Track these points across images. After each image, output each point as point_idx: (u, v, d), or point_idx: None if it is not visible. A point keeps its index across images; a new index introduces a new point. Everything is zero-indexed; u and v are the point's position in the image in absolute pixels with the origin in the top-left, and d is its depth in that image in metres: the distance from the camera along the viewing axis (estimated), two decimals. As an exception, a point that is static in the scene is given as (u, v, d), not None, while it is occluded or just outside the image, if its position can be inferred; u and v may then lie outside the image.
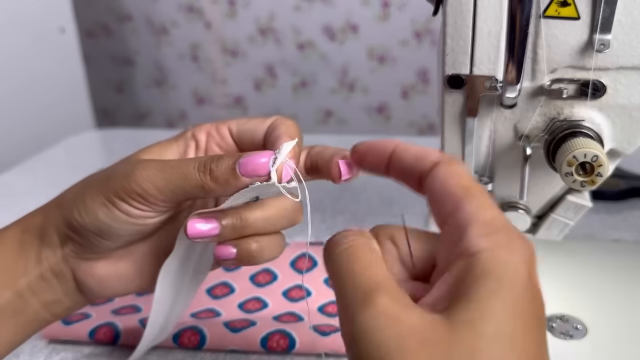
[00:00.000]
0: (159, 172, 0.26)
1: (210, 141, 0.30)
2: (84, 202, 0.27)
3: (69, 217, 0.27)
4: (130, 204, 0.26)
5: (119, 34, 1.88)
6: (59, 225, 0.28)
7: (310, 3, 1.71)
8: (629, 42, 0.29)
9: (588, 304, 0.42)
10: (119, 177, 0.26)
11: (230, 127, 0.30)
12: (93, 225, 0.27)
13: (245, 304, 0.43)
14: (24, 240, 0.29)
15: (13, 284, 0.28)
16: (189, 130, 0.30)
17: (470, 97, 0.30)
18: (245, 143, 0.30)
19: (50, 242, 0.28)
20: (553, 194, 0.35)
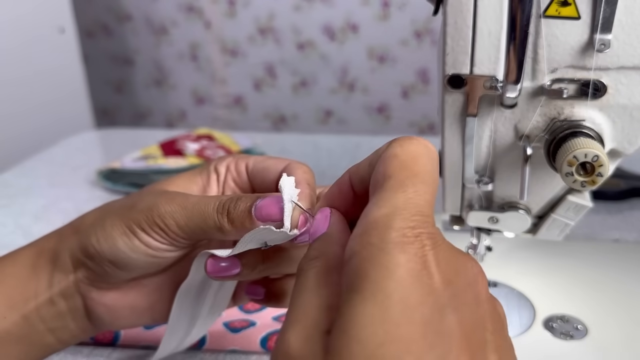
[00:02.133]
0: (181, 209, 0.26)
1: (228, 175, 0.31)
2: (104, 228, 0.27)
3: (86, 242, 0.27)
4: (151, 236, 0.26)
5: (118, 34, 1.88)
6: (74, 250, 0.28)
7: (310, 3, 1.71)
8: (630, 42, 0.29)
9: (589, 305, 0.42)
10: (142, 207, 0.27)
11: (248, 164, 0.30)
12: (110, 253, 0.27)
13: (245, 304, 0.43)
14: (37, 264, 0.29)
15: (22, 306, 0.28)
16: (213, 163, 0.31)
17: (470, 97, 0.30)
18: (257, 181, 0.30)
19: (63, 266, 0.28)
20: (553, 194, 0.35)
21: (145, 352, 0.39)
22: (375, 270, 0.17)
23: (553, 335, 0.39)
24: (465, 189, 0.35)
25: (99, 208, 0.29)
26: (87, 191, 0.65)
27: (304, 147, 0.77)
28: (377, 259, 0.17)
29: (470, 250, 0.41)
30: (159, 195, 0.27)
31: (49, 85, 1.32)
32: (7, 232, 0.57)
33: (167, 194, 0.27)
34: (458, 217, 0.37)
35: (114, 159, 0.71)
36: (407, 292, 0.16)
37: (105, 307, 0.29)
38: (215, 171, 0.30)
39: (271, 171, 0.29)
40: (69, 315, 0.29)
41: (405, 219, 0.18)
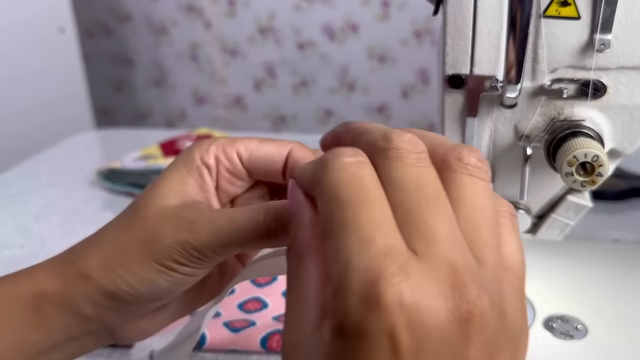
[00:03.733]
0: (217, 239, 0.24)
1: (220, 167, 0.28)
2: (131, 271, 0.25)
3: (113, 290, 0.25)
4: (191, 267, 0.25)
5: (118, 34, 1.88)
6: (95, 299, 0.26)
7: (310, 3, 1.71)
8: (630, 42, 0.29)
9: (588, 305, 0.42)
10: (170, 243, 0.24)
11: (239, 152, 0.28)
12: (151, 292, 0.25)
13: (245, 304, 0.43)
14: (41, 309, 0.26)
15: (32, 348, 0.26)
16: (195, 154, 0.28)
17: (470, 97, 0.30)
18: (259, 172, 0.28)
19: (82, 313, 0.26)
20: (553, 194, 0.35)
21: (145, 352, 0.39)
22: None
23: (553, 335, 0.39)
24: (465, 189, 0.35)
25: (100, 244, 0.26)
26: (87, 191, 0.65)
27: (304, 147, 0.77)
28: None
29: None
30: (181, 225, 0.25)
31: (49, 85, 1.32)
32: (7, 232, 0.57)
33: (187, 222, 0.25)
34: (458, 217, 0.37)
35: (114, 159, 0.71)
36: None
37: (134, 333, 0.28)
38: (205, 165, 0.28)
39: (275, 160, 0.28)
40: (92, 344, 0.28)
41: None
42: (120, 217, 0.27)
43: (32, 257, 0.52)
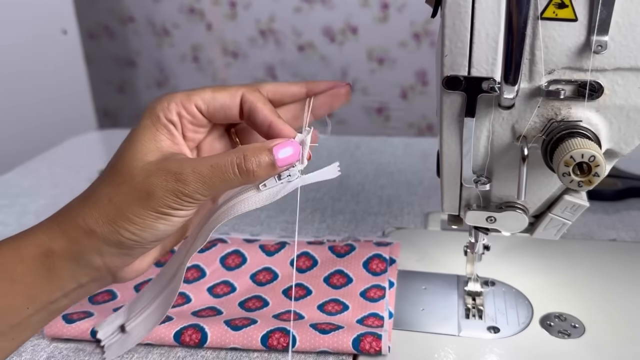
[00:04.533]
0: (203, 185, 0.29)
1: (183, 121, 0.31)
2: (132, 221, 0.29)
3: (118, 239, 0.29)
4: (183, 210, 0.29)
5: (120, 36, 1.89)
6: (102, 249, 0.29)
7: (310, 5, 1.71)
8: (626, 44, 0.29)
9: (585, 303, 0.42)
10: (163, 193, 0.28)
11: (198, 105, 0.31)
12: (153, 236, 0.30)
13: (246, 302, 0.43)
14: (51, 265, 0.29)
15: (46, 299, 0.30)
16: (159, 113, 0.31)
17: (468, 98, 0.31)
18: (218, 118, 0.32)
19: (91, 264, 0.30)
20: (550, 193, 0.35)
21: (146, 350, 0.39)
22: None
23: (550, 334, 0.39)
24: (463, 189, 0.36)
25: (96, 203, 0.29)
26: (89, 191, 0.66)
27: (305, 147, 0.78)
28: None
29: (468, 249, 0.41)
30: (168, 177, 0.28)
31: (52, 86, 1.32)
32: (10, 232, 0.57)
33: (173, 173, 0.29)
34: (456, 216, 0.38)
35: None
36: None
37: (133, 272, 0.32)
38: (170, 122, 0.31)
39: (230, 106, 0.31)
40: (94, 287, 0.32)
41: None
42: (108, 179, 0.30)
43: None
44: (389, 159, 0.74)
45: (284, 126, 0.31)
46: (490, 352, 0.38)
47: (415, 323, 0.41)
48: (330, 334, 0.38)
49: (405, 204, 0.60)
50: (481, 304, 0.42)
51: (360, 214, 0.58)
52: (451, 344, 0.39)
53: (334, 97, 0.34)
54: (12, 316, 0.29)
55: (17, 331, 0.30)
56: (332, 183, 0.66)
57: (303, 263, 0.47)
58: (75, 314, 0.41)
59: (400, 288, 0.45)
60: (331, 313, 0.41)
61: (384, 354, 0.37)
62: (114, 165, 0.30)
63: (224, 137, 0.35)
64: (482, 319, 0.41)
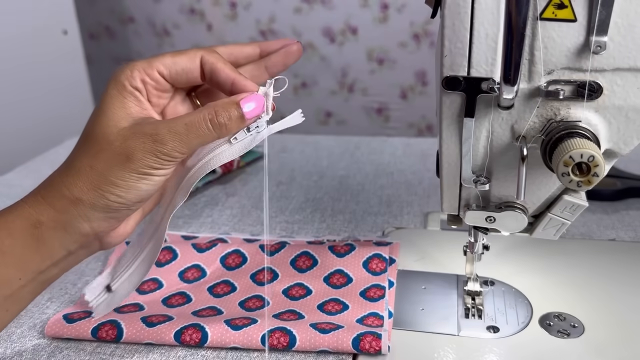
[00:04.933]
0: (180, 143, 0.30)
1: (147, 87, 0.33)
2: (115, 184, 0.30)
3: (105, 203, 0.31)
4: (164, 169, 0.31)
5: (121, 36, 1.89)
6: (90, 214, 0.31)
7: (310, 5, 1.71)
8: (625, 44, 0.29)
9: (585, 303, 0.42)
10: (142, 155, 0.30)
11: (160, 70, 0.32)
12: (137, 197, 0.31)
13: (246, 302, 0.43)
14: (39, 235, 0.31)
15: (36, 268, 0.31)
16: (123, 82, 0.32)
17: (467, 98, 0.31)
18: (181, 82, 0.34)
19: (78, 231, 0.31)
20: (550, 193, 0.35)
21: (147, 350, 0.39)
22: None
23: (549, 334, 0.39)
24: (463, 189, 0.36)
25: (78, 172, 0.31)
26: (89, 191, 0.66)
27: (304, 147, 0.78)
28: None
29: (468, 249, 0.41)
30: (146, 139, 0.30)
31: (53, 87, 1.32)
32: (11, 232, 0.57)
33: (149, 135, 0.30)
34: (456, 216, 0.38)
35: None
36: None
37: (119, 237, 0.34)
38: (136, 89, 0.32)
39: (191, 69, 0.33)
40: (83, 254, 0.33)
41: None
42: (85, 149, 0.31)
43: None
44: (388, 159, 0.74)
45: (246, 82, 0.33)
46: (490, 352, 0.38)
47: (415, 323, 0.41)
48: (330, 333, 0.38)
49: (405, 204, 0.61)
50: (481, 303, 0.42)
51: (360, 214, 0.59)
52: (451, 343, 0.39)
53: (286, 55, 0.36)
54: (4, 288, 0.30)
55: (10, 303, 0.31)
56: (332, 183, 0.66)
57: (303, 263, 0.47)
58: (76, 313, 0.41)
59: (400, 288, 0.45)
60: (331, 313, 0.41)
61: (384, 354, 0.37)
62: (88, 135, 0.32)
63: (186, 100, 0.36)
64: (481, 318, 0.41)
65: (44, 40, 1.29)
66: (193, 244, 0.49)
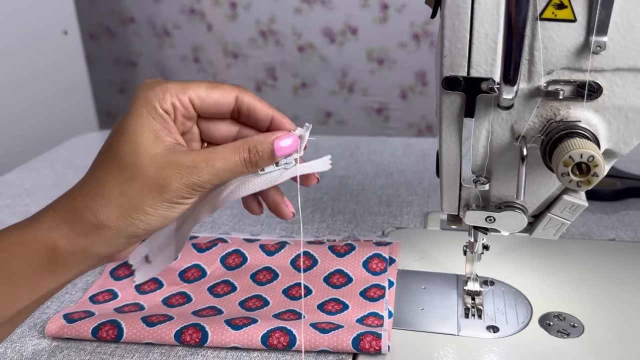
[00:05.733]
0: (213, 176, 0.31)
1: (177, 113, 0.32)
2: (146, 213, 0.30)
3: (132, 231, 0.30)
4: (194, 197, 0.31)
5: (121, 36, 1.89)
6: (113, 241, 0.30)
7: (311, 5, 1.71)
8: (625, 44, 0.29)
9: (584, 303, 0.42)
10: (178, 185, 0.30)
11: (192, 99, 0.32)
12: (163, 224, 0.31)
13: (247, 302, 0.43)
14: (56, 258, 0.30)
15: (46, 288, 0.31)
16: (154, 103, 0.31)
17: (467, 98, 0.31)
18: (209, 114, 0.33)
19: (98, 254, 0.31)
20: (549, 193, 0.35)
21: (147, 349, 0.39)
22: None
23: (549, 333, 0.39)
24: (463, 189, 0.36)
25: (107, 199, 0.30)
26: (89, 191, 0.66)
27: (305, 148, 0.78)
28: None
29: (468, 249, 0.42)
30: (183, 171, 0.30)
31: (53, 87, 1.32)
32: (11, 232, 0.57)
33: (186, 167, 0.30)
34: (456, 216, 0.38)
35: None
36: None
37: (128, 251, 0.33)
38: (166, 112, 0.31)
39: (223, 104, 0.33)
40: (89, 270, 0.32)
41: None
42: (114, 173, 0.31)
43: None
44: (388, 159, 0.74)
45: (284, 119, 0.33)
46: (490, 352, 0.38)
47: (415, 322, 0.41)
48: (330, 333, 0.38)
49: (405, 204, 0.61)
50: (480, 303, 0.42)
51: (360, 214, 0.59)
52: (450, 343, 0.39)
53: (275, 207, 0.36)
54: (13, 306, 0.30)
55: (17, 317, 0.31)
56: (332, 183, 0.66)
57: (303, 263, 0.47)
58: (76, 313, 0.41)
59: (400, 287, 0.45)
60: (331, 312, 0.42)
61: (384, 353, 0.37)
62: (116, 157, 0.31)
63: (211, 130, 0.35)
64: (481, 318, 0.41)
65: (44, 41, 1.29)
66: (193, 244, 0.49)
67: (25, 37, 1.24)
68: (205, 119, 0.34)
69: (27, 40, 1.24)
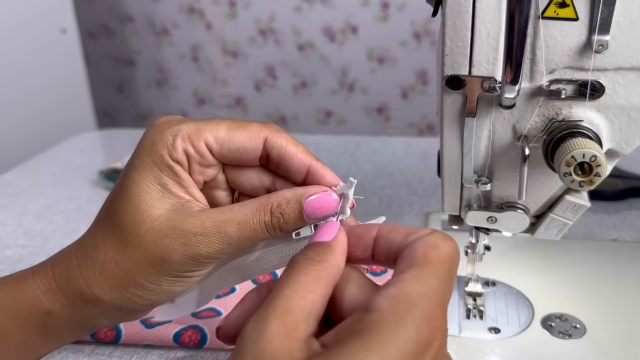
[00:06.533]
0: (228, 245, 0.25)
1: (191, 162, 0.26)
2: (145, 288, 0.26)
3: (129, 306, 0.26)
4: (205, 269, 0.26)
5: (120, 35, 1.89)
6: (110, 314, 0.27)
7: (310, 4, 1.71)
8: (627, 43, 0.29)
9: (586, 304, 0.42)
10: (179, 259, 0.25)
11: (209, 144, 0.26)
12: (168, 298, 0.27)
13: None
14: (49, 326, 0.27)
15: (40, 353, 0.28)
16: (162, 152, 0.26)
17: (469, 97, 0.30)
18: (232, 161, 0.27)
19: (95, 325, 0.28)
20: (551, 193, 0.35)
21: (146, 351, 0.39)
22: (390, 335, 0.19)
23: (551, 334, 0.39)
24: (464, 189, 0.36)
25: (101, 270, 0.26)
26: (88, 191, 0.66)
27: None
28: (395, 326, 0.19)
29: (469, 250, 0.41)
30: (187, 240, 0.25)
31: (51, 86, 1.32)
32: (9, 232, 0.57)
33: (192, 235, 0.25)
34: (457, 216, 0.38)
35: (116, 159, 0.71)
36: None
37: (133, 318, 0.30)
38: (177, 162, 0.26)
39: (249, 150, 0.27)
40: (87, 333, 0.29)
41: (432, 306, 0.20)
42: (109, 237, 0.26)
43: (34, 257, 0.52)
44: (389, 158, 0.74)
45: (325, 171, 0.26)
46: (491, 353, 0.38)
47: (416, 323, 0.41)
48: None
49: (406, 204, 0.60)
50: (482, 304, 0.42)
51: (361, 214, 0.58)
52: (452, 344, 0.39)
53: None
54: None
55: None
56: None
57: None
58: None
59: (401, 288, 0.44)
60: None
61: (384, 355, 0.37)
62: (112, 217, 0.26)
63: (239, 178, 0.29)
64: (482, 319, 0.41)
65: (42, 39, 1.29)
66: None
67: (23, 36, 1.24)
68: (232, 167, 0.28)
69: (25, 38, 1.24)
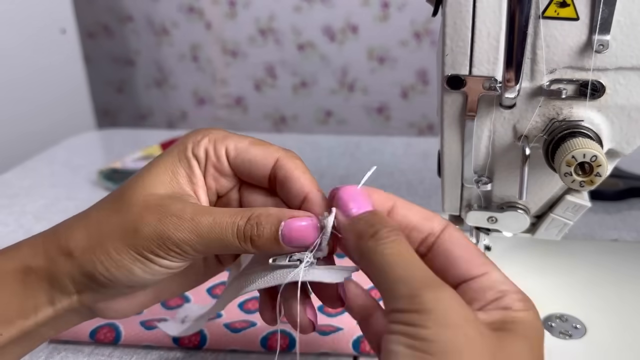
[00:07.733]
0: (197, 237, 0.25)
1: (208, 162, 0.28)
2: (109, 255, 0.25)
3: (91, 270, 0.26)
4: (168, 259, 0.26)
5: (119, 35, 1.89)
6: (75, 276, 0.26)
7: (310, 4, 1.71)
8: (628, 43, 0.29)
9: (587, 304, 0.42)
10: (150, 234, 0.25)
11: (228, 150, 0.28)
12: (126, 279, 0.26)
13: (246, 304, 0.43)
14: (28, 283, 0.27)
15: (20, 323, 0.27)
16: (187, 144, 0.28)
17: (469, 97, 0.30)
18: (243, 173, 0.29)
19: (64, 288, 0.27)
20: (552, 194, 0.35)
21: (145, 352, 0.39)
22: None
23: (552, 335, 0.39)
24: (465, 189, 0.35)
25: (85, 224, 0.27)
26: (88, 191, 0.66)
27: (304, 147, 0.77)
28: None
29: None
30: (163, 217, 0.25)
31: (51, 86, 1.32)
32: (8, 232, 0.57)
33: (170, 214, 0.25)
34: (457, 216, 0.38)
35: (115, 159, 0.71)
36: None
37: (114, 312, 0.29)
38: (195, 157, 0.28)
39: (260, 165, 0.28)
40: (76, 320, 0.29)
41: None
42: (109, 200, 0.27)
43: (34, 257, 0.52)
44: (389, 158, 0.74)
45: (318, 201, 0.27)
46: (491, 353, 0.38)
47: (416, 324, 0.41)
48: (330, 335, 0.37)
49: (406, 203, 0.60)
50: (482, 304, 0.42)
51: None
52: (452, 345, 0.38)
53: None
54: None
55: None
56: (332, 183, 0.66)
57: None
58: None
59: (401, 288, 0.44)
60: (331, 314, 0.41)
61: (385, 355, 0.37)
62: (120, 188, 0.27)
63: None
64: (482, 319, 0.41)
65: (41, 39, 1.29)
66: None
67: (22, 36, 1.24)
68: (247, 186, 0.29)
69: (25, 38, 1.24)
